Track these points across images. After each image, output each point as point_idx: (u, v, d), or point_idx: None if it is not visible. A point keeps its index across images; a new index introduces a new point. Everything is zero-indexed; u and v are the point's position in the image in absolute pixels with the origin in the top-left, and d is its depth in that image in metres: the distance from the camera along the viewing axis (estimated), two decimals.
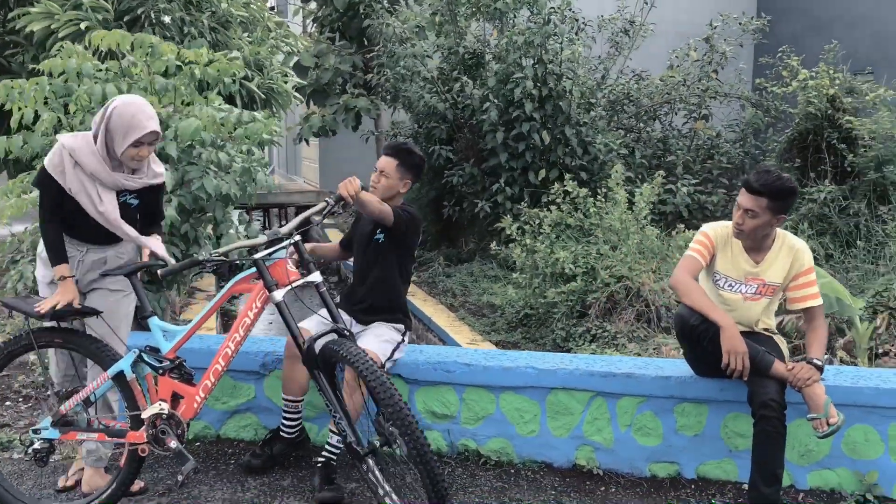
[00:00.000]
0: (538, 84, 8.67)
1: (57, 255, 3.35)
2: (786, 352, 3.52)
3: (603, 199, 7.36)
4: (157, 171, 3.57)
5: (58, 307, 3.29)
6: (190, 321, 3.42)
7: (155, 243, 3.57)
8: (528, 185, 9.00)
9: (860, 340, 5.67)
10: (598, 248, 6.97)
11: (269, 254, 3.24)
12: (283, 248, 3.27)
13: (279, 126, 4.92)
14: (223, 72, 4.62)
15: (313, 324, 3.74)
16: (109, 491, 3.39)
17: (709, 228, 3.55)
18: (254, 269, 3.29)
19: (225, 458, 3.95)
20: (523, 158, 8.92)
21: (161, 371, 3.33)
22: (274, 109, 7.26)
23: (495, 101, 8.75)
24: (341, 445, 3.71)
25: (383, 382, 2.96)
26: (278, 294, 3.22)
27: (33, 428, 3.42)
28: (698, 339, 3.35)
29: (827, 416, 3.15)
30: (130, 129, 3.28)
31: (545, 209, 7.66)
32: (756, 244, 3.45)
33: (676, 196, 8.83)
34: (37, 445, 3.42)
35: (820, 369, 3.22)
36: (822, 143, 9.37)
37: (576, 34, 9.46)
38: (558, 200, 7.59)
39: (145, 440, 3.31)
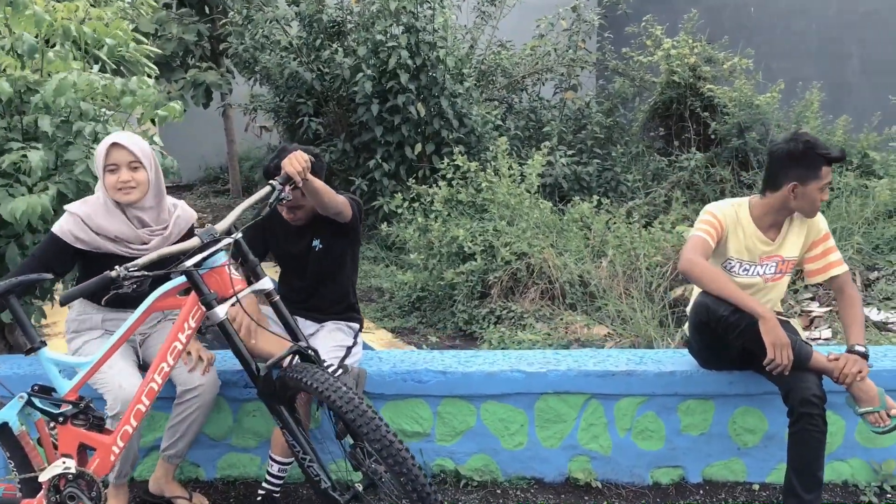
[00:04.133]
0: (412, 53, 8.17)
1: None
2: (802, 336, 3.26)
3: (493, 173, 7.05)
4: (186, 216, 3.24)
5: None
6: None
7: None
8: (403, 160, 8.53)
9: None
10: (494, 224, 6.67)
11: (204, 259, 2.56)
12: (220, 249, 2.60)
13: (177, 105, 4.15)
14: (101, 33, 3.81)
15: (326, 347, 3.16)
16: None
17: (715, 209, 3.22)
18: (182, 279, 2.61)
19: None
20: (399, 132, 8.42)
21: (61, 418, 2.59)
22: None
23: (368, 71, 8.17)
24: (284, 474, 3.14)
25: (364, 412, 2.41)
26: (220, 310, 2.57)
27: None
28: (726, 331, 3.00)
29: (886, 408, 2.89)
30: (100, 157, 3.01)
31: (434, 185, 7.25)
32: (777, 220, 3.16)
33: (555, 168, 8.64)
34: None
35: (865, 357, 2.95)
36: (686, 111, 9.52)
37: (442, 0, 9.02)
38: (448, 175, 7.19)
39: None
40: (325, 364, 3.02)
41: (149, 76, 5.90)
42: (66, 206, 3.06)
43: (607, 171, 9.16)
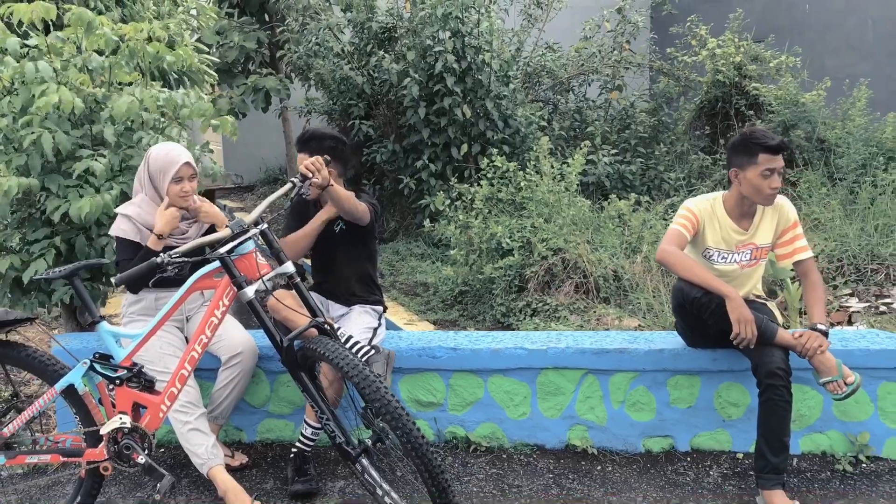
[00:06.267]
0: (458, 57, 8.51)
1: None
2: (779, 318, 3.52)
3: (533, 172, 7.32)
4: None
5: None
6: None
7: None
8: (450, 160, 8.86)
9: (791, 301, 5.80)
10: (532, 221, 6.93)
11: (234, 247, 2.95)
12: (249, 238, 2.99)
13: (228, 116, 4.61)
14: (163, 53, 4.26)
15: (357, 330, 3.53)
16: None
17: (691, 204, 3.51)
18: (217, 264, 3.01)
19: None
20: (445, 134, 8.76)
21: (118, 381, 3.03)
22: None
23: (416, 75, 8.54)
24: (315, 437, 3.54)
25: (366, 377, 2.76)
26: (249, 291, 2.95)
27: None
28: (699, 311, 3.30)
29: (843, 377, 3.16)
30: (168, 166, 3.46)
31: (476, 184, 7.56)
32: (746, 210, 3.43)
33: (598, 166, 8.87)
34: None
35: (825, 334, 3.22)
36: (731, 109, 9.63)
37: (489, 5, 9.32)
38: (489, 175, 7.50)
39: (106, 457, 3.02)
40: (359, 344, 3.43)
41: (212, 85, 6.36)
42: (116, 210, 3.54)
43: (651, 169, 9.32)
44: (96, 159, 3.76)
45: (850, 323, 5.77)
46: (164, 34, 4.23)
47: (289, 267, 3.03)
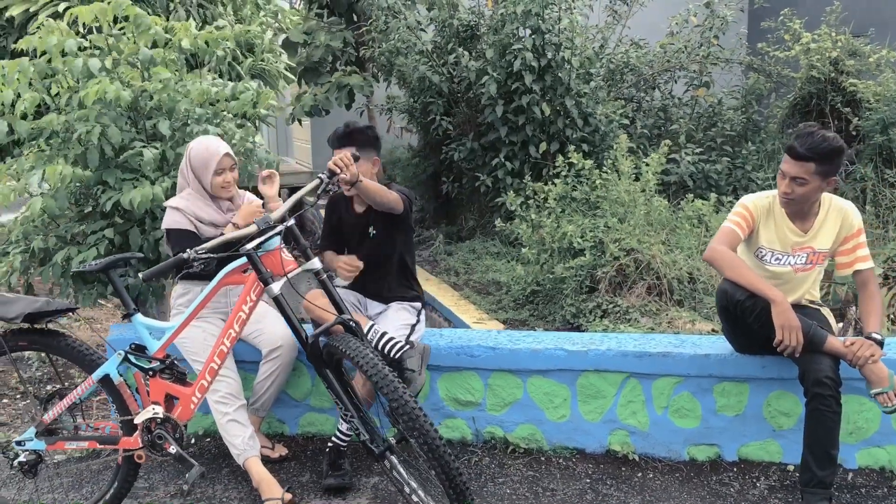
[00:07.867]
0: (537, 55, 8.41)
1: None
2: (833, 325, 3.33)
3: (609, 171, 7.18)
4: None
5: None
6: None
7: None
8: (528, 158, 8.77)
9: None
10: (605, 220, 6.79)
11: (261, 244, 2.98)
12: (275, 235, 3.01)
13: (275, 101, 4.68)
14: (213, 44, 4.36)
15: (393, 327, 3.53)
16: (107, 498, 3.20)
17: (748, 200, 3.35)
18: (243, 260, 3.04)
19: None
20: (523, 132, 8.68)
21: (151, 372, 3.10)
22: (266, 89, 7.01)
23: (494, 73, 8.49)
24: (351, 433, 3.55)
25: (385, 376, 2.76)
26: (275, 287, 2.99)
27: (16, 440, 3.22)
28: (743, 315, 3.14)
29: (894, 388, 2.96)
30: (209, 159, 3.57)
31: (550, 183, 7.46)
32: (802, 212, 3.25)
33: (680, 165, 8.62)
34: (22, 458, 3.21)
35: (880, 344, 3.02)
36: (826, 107, 9.18)
37: (572, 1, 9.19)
38: (563, 173, 7.39)
39: (140, 446, 3.11)
40: (393, 340, 3.42)
41: (298, 83, 6.45)
42: (164, 203, 3.64)
43: (738, 168, 9.03)
44: (148, 149, 3.88)
45: None
46: (214, 32, 4.32)
47: (315, 263, 3.05)
